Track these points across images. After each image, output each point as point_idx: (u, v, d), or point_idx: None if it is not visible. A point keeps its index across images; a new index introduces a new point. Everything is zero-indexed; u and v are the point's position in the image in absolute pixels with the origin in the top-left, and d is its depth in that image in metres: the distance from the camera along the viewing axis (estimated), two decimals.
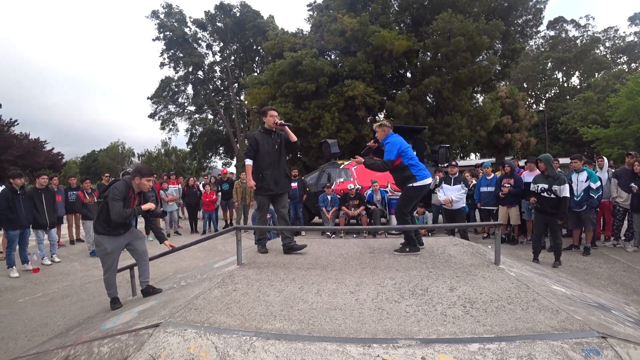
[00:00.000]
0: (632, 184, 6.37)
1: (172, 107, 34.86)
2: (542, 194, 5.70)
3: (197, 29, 32.69)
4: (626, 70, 35.85)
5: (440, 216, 9.00)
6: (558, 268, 5.50)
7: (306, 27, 24.78)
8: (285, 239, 4.40)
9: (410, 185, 4.19)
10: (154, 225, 4.31)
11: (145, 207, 3.96)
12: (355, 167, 9.93)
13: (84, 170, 45.48)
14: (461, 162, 22.13)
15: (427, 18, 18.63)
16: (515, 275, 3.33)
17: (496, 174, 8.25)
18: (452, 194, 7.27)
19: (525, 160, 8.13)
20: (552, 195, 5.58)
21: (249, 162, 4.27)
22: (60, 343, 3.15)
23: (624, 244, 6.83)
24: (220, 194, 11.02)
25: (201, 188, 11.17)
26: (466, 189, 7.61)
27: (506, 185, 7.38)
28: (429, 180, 4.27)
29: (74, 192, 8.82)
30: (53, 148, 30.79)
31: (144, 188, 3.95)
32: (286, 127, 4.36)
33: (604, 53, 40.70)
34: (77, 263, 7.15)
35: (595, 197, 6.28)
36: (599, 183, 6.34)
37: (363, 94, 16.69)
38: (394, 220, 9.09)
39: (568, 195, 5.53)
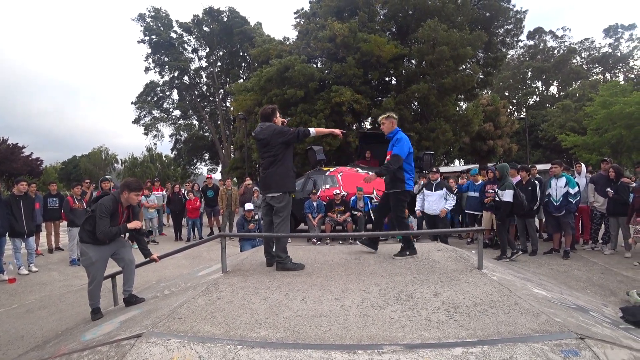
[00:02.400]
0: (608, 189, 6.59)
1: (156, 113, 34.46)
2: (495, 198, 6.61)
3: (184, 33, 32.51)
4: (601, 80, 37.25)
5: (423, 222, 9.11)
6: (512, 262, 6.03)
7: (293, 34, 24.98)
8: (274, 254, 4.05)
9: (399, 190, 4.25)
10: (142, 242, 4.24)
11: (131, 225, 3.90)
12: (341, 173, 9.98)
13: (64, 176, 44.23)
14: (446, 169, 22.53)
15: (412, 27, 19.00)
16: (497, 279, 3.40)
17: (483, 180, 8.40)
18: (432, 199, 7.49)
19: None
20: (497, 199, 6.38)
21: (313, 129, 4.00)
22: (37, 356, 3.06)
23: (601, 247, 7.04)
24: (203, 200, 10.89)
25: (186, 195, 11.03)
26: (453, 195, 7.76)
27: (490, 191, 7.53)
28: (411, 189, 4.39)
29: (54, 199, 8.59)
30: (32, 153, 30.01)
31: (132, 202, 3.92)
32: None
33: (581, 63, 42.23)
34: (56, 272, 6.93)
35: (574, 202, 6.48)
36: (577, 188, 6.54)
37: (350, 100, 16.84)
38: None
39: (508, 199, 6.21)
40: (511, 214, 6.58)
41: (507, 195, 6.22)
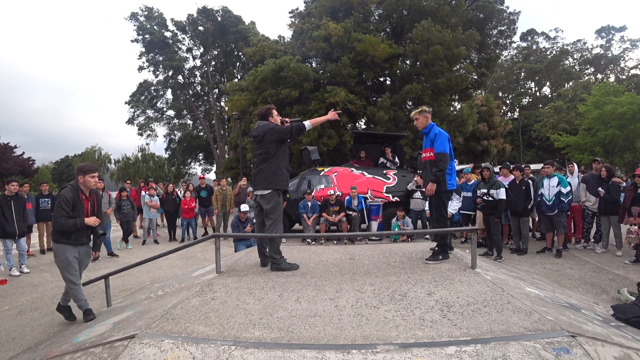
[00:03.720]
0: (600, 189, 6.67)
1: (150, 112, 34.20)
2: (483, 197, 6.60)
3: (178, 32, 32.32)
4: (593, 81, 37.67)
5: (419, 222, 9.14)
6: (505, 261, 6.02)
7: (287, 34, 24.96)
8: (269, 255, 4.04)
9: (441, 190, 4.09)
10: (95, 240, 4.20)
11: (88, 221, 3.82)
12: (336, 173, 9.99)
13: (56, 176, 43.71)
14: None
15: (406, 27, 19.09)
16: (490, 278, 3.42)
17: (476, 180, 8.43)
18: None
19: (500, 166, 8.37)
20: (490, 198, 6.47)
21: (307, 122, 3.97)
22: (29, 358, 3.03)
23: (593, 245, 7.11)
24: (197, 201, 10.83)
25: (180, 195, 10.97)
26: (459, 197, 7.81)
27: (483, 190, 7.56)
28: (454, 187, 4.27)
29: (46, 199, 8.50)
30: (23, 153, 29.63)
31: (90, 185, 3.90)
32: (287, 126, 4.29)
33: (573, 64, 42.62)
34: (48, 273, 6.86)
35: (566, 202, 6.54)
36: (569, 188, 6.61)
37: (344, 100, 16.86)
38: (373, 226, 9.18)
39: (504, 197, 6.35)
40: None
41: (502, 194, 6.36)
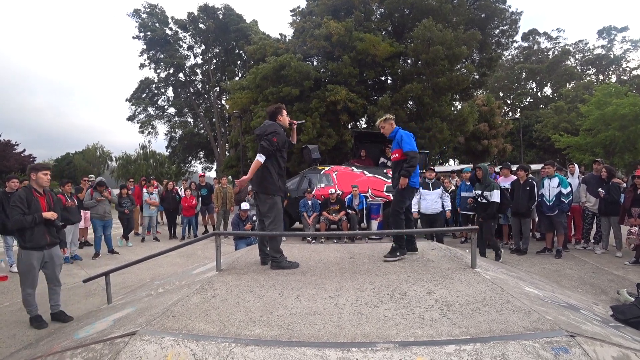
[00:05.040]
0: (600, 189, 6.67)
1: (151, 110, 34.23)
2: (477, 198, 6.48)
3: (179, 30, 32.34)
4: (594, 81, 37.57)
5: (419, 221, 9.14)
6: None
7: (289, 32, 24.90)
8: (269, 253, 4.06)
9: (402, 188, 4.21)
10: (57, 228, 4.24)
11: (46, 215, 3.92)
12: (336, 172, 9.99)
13: (57, 173, 43.66)
14: (440, 168, 22.63)
15: (408, 26, 19.07)
16: (490, 278, 3.43)
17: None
18: (431, 198, 7.46)
19: (500, 166, 8.35)
20: (484, 200, 6.31)
21: (262, 159, 3.77)
22: (30, 355, 3.03)
23: (593, 246, 7.12)
24: (200, 199, 10.84)
25: (180, 193, 10.97)
26: (448, 195, 7.81)
27: (477, 192, 7.54)
28: (417, 186, 4.41)
29: None
30: (24, 150, 29.61)
31: (42, 182, 3.98)
32: (294, 127, 4.26)
33: (574, 65, 42.49)
34: None
35: (566, 202, 6.53)
36: (569, 188, 6.61)
37: (345, 99, 16.86)
38: (373, 225, 9.18)
39: (497, 200, 6.22)
40: (497, 214, 6.57)
41: (496, 196, 6.22)
